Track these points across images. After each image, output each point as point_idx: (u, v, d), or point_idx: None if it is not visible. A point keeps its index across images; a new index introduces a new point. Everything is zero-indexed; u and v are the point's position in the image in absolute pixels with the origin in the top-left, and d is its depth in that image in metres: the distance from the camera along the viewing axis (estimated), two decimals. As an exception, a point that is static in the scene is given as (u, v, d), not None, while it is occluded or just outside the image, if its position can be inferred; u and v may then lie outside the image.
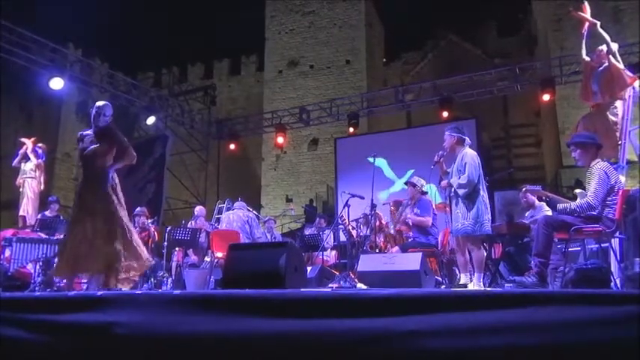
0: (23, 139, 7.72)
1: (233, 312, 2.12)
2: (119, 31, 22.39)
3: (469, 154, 4.14)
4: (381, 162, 10.62)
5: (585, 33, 5.15)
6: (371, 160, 6.02)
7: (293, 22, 17.60)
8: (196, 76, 20.35)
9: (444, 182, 4.32)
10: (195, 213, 8.03)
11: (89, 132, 4.18)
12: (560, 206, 3.60)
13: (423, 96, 11.54)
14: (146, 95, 12.62)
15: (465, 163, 4.06)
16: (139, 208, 7.27)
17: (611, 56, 4.77)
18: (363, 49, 16.72)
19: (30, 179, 7.47)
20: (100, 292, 3.01)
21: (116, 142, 4.09)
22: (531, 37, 16.49)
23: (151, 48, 20.99)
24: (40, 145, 7.71)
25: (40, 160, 7.57)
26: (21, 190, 7.51)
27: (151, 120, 11.47)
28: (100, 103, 4.21)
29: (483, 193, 4.07)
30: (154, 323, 2.18)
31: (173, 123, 13.75)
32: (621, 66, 4.83)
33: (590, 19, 5.07)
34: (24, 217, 7.33)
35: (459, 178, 4.07)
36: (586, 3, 5.19)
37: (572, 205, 3.55)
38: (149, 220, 7.35)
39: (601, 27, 5.01)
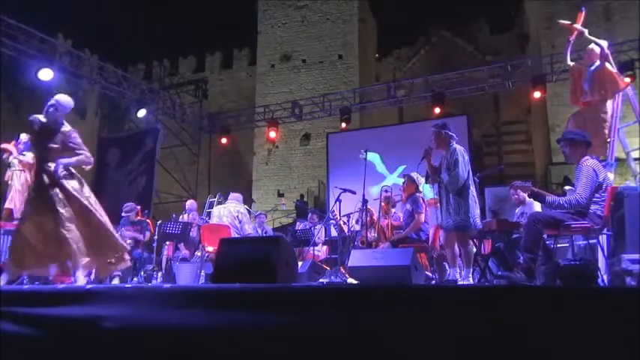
0: (4, 146, 7.54)
1: (224, 306, 2.11)
2: (110, 22, 22.14)
3: (458, 150, 4.17)
4: (373, 157, 10.62)
5: (572, 41, 5.17)
6: (362, 156, 5.94)
7: (286, 15, 17.50)
8: (188, 69, 20.19)
9: (430, 181, 4.38)
10: (187, 207, 7.97)
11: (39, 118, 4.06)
12: (549, 198, 3.65)
13: (415, 92, 11.56)
14: (137, 88, 12.49)
15: (455, 160, 4.08)
16: (129, 204, 7.15)
17: (604, 59, 4.80)
18: (355, 44, 16.68)
19: (19, 171, 7.37)
20: (88, 286, 2.99)
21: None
22: (523, 35, 16.58)
23: (142, 40, 20.77)
24: (22, 137, 7.49)
25: (31, 154, 7.43)
26: (9, 182, 7.40)
27: (141, 113, 11.36)
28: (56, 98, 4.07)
29: (472, 189, 4.11)
30: (143, 317, 2.17)
31: (164, 116, 13.63)
32: (614, 69, 4.86)
33: (579, 27, 5.04)
34: (11, 210, 7.23)
35: (449, 174, 4.10)
36: (583, 11, 5.14)
37: (562, 200, 3.60)
38: (143, 218, 7.23)
39: (592, 24, 5.03)
